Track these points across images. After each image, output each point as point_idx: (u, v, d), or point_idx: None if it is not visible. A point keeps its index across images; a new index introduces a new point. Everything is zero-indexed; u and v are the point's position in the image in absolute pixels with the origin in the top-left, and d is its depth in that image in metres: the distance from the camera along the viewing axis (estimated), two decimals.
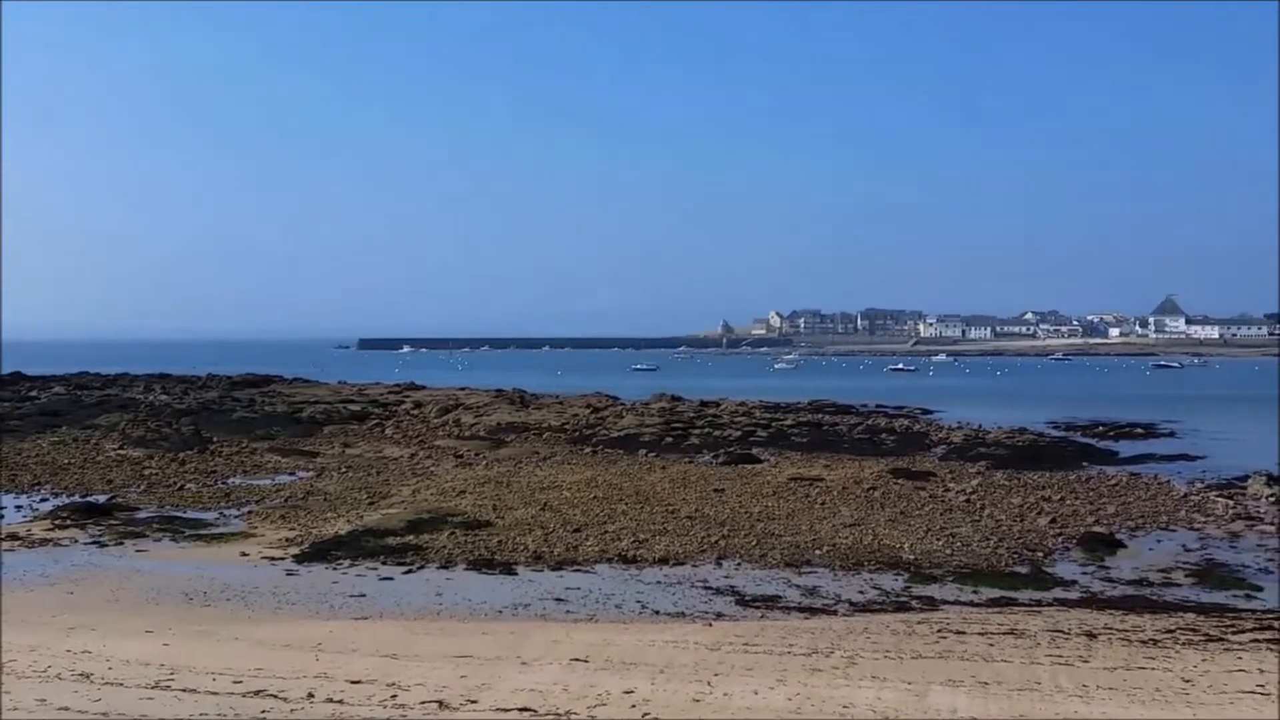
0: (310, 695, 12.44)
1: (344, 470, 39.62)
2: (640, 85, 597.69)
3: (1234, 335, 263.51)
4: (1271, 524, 30.46)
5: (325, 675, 13.48)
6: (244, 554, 25.34)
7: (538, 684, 13.07)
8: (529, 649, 15.54)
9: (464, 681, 13.19)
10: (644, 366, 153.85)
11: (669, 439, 48.84)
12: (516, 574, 23.56)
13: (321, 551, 25.40)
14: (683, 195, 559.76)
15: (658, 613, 20.33)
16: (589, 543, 26.44)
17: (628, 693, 12.60)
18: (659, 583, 22.85)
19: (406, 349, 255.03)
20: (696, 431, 50.81)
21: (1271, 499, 34.75)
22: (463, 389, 76.82)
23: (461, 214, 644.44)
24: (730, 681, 13.28)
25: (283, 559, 24.81)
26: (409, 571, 23.77)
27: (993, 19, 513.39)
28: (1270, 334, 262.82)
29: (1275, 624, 18.42)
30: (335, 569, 23.93)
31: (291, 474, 39.13)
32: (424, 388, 78.66)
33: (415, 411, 61.28)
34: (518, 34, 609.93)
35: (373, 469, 40.03)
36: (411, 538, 26.78)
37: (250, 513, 30.80)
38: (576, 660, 14.61)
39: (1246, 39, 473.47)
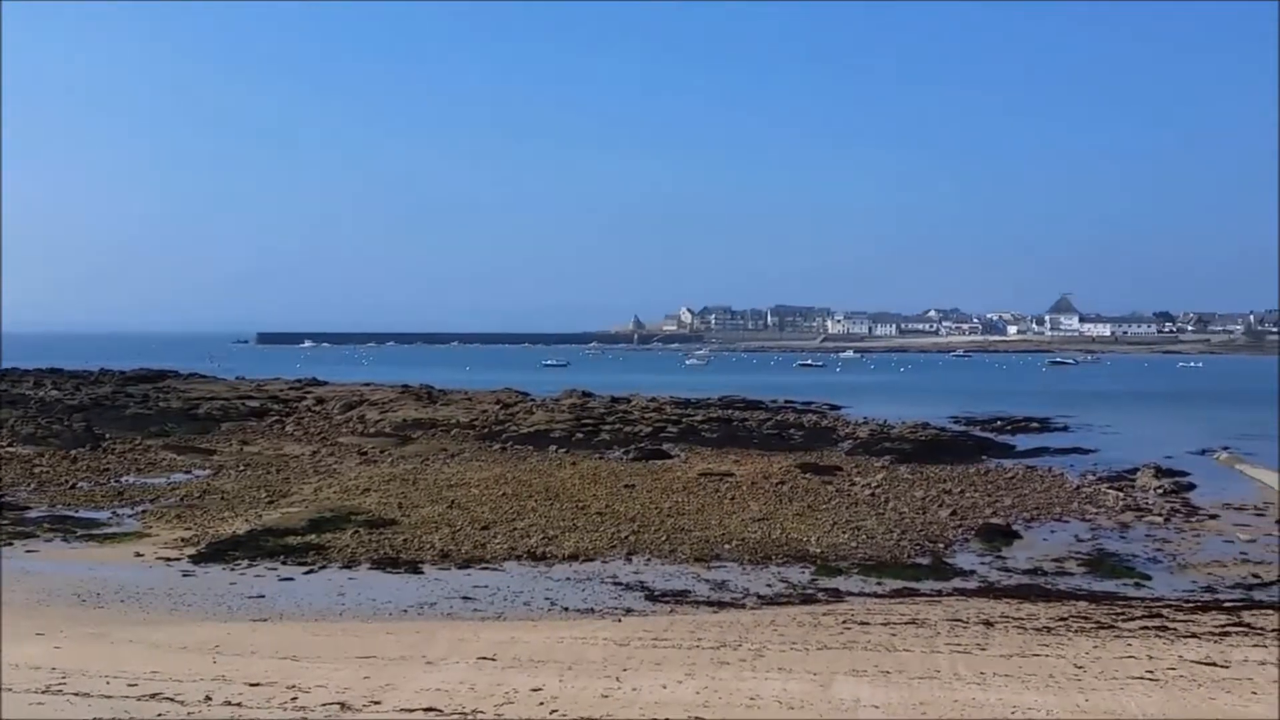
0: (208, 698, 12.12)
1: (242, 468, 38.71)
2: (548, 82, 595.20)
3: (1124, 333, 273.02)
4: (1159, 515, 31.66)
5: (223, 678, 13.15)
6: (138, 554, 24.62)
7: (443, 684, 12.92)
8: (435, 648, 15.37)
9: (367, 683, 12.98)
10: (554, 362, 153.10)
11: (580, 435, 48.79)
12: (423, 573, 23.31)
13: (219, 552, 24.80)
14: (594, 192, 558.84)
15: (567, 609, 20.32)
16: (497, 540, 26.28)
17: (535, 690, 12.53)
18: (568, 579, 22.83)
19: (308, 344, 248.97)
20: (607, 427, 50.85)
21: (1159, 490, 36.15)
22: (367, 385, 75.43)
23: (364, 208, 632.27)
24: (639, 676, 13.31)
25: (178, 559, 24.15)
26: (310, 572, 23.35)
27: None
28: (1159, 332, 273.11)
29: (1163, 612, 19.15)
30: (233, 570, 23.39)
31: (187, 472, 38.07)
32: (326, 383, 77.06)
33: (317, 408, 60.10)
34: (432, 29, 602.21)
35: (272, 467, 39.19)
36: (313, 537, 26.31)
37: (145, 512, 29.91)
38: (484, 659, 14.49)
39: (1115, 42, 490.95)
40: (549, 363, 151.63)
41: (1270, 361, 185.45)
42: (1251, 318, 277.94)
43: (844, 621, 17.85)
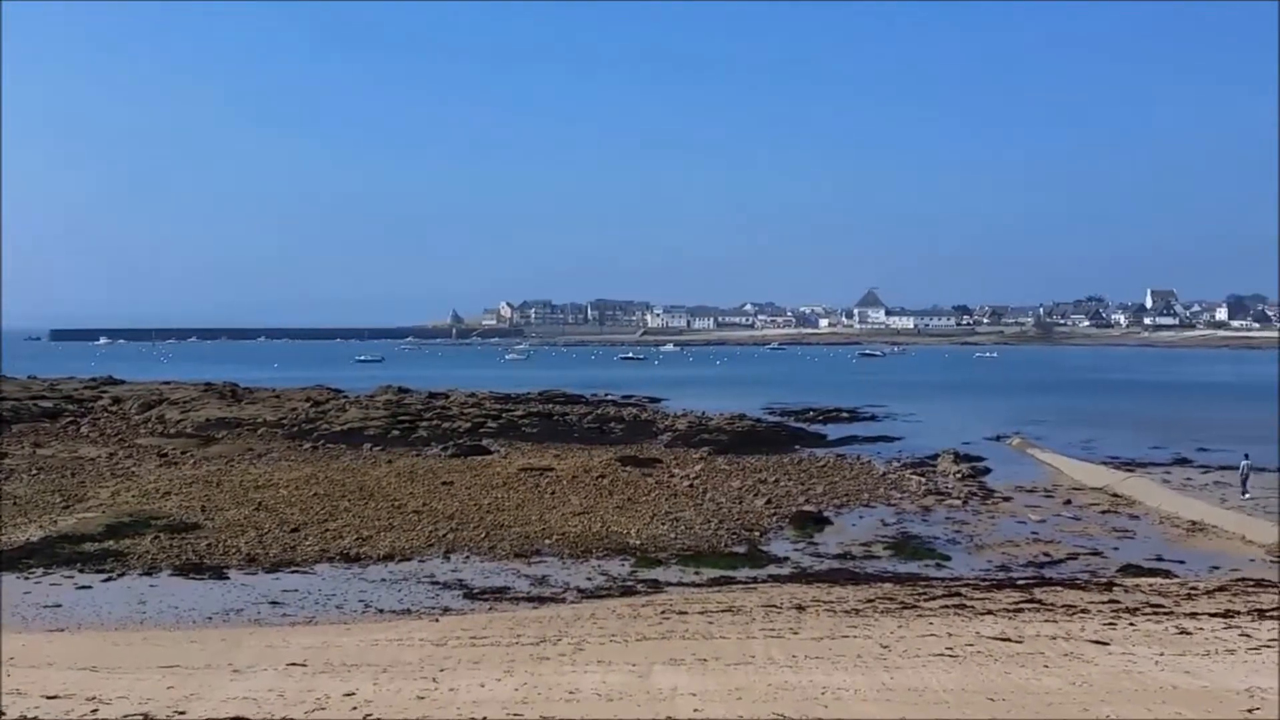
0: (1, 714, 11.19)
1: (35, 472, 36.13)
2: (363, 76, 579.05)
3: (927, 326, 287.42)
4: (958, 498, 33.37)
5: (19, 691, 12.19)
6: None
7: (251, 691, 12.33)
8: (242, 656, 14.69)
9: (171, 692, 12.28)
10: (368, 358, 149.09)
11: (395, 432, 47.76)
12: (228, 578, 22.34)
13: (11, 560, 23.24)
14: (411, 186, 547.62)
15: (382, 611, 19.80)
16: (308, 542, 25.41)
17: (348, 695, 12.09)
18: (384, 580, 22.27)
19: (104, 340, 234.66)
20: (424, 424, 49.96)
21: (958, 475, 38.12)
22: (167, 383, 72.05)
23: (166, 199, 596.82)
24: (456, 676, 13.04)
25: None
26: (109, 579, 22.12)
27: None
28: (958, 324, 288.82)
29: (962, 591, 20.14)
30: (27, 578, 21.93)
31: None
32: (124, 382, 73.10)
33: (114, 408, 56.88)
34: (224, 20, 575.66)
35: (67, 470, 36.73)
36: (111, 543, 24.92)
37: None
38: (294, 665, 13.92)
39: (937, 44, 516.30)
40: (362, 358, 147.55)
41: (1058, 351, 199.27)
42: (1041, 310, 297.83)
43: (663, 612, 18.01)
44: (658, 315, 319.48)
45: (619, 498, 32.01)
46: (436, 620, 18.41)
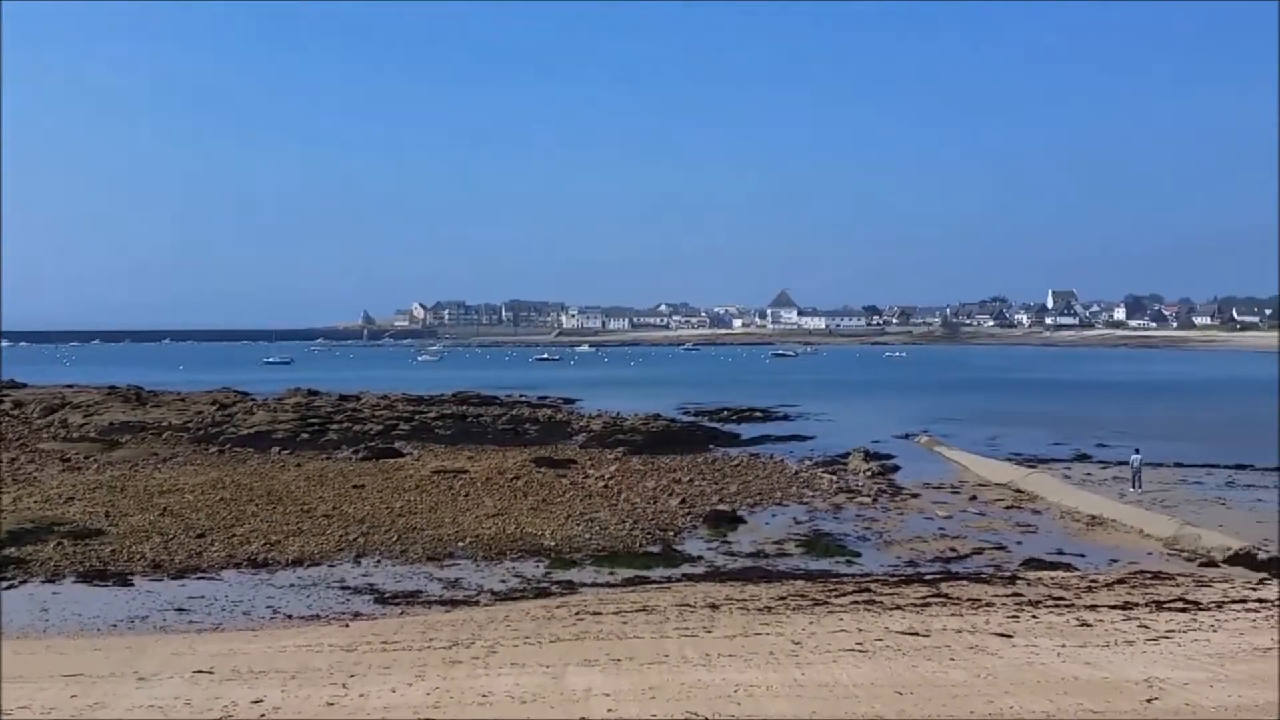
0: None
1: None
2: (270, 72, 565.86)
3: (838, 326, 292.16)
4: (868, 496, 33.94)
5: None
6: None
7: (157, 700, 12.02)
8: (147, 663, 14.31)
9: (74, 702, 11.93)
10: (277, 359, 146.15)
11: (305, 435, 46.91)
12: (133, 585, 21.77)
13: None
14: (321, 184, 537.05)
15: (290, 617, 19.43)
16: (215, 548, 24.83)
17: (256, 702, 11.85)
18: (292, 585, 21.86)
19: (4, 343, 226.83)
20: (335, 426, 49.16)
21: (868, 473, 38.78)
22: (70, 386, 70.33)
23: (57, 198, 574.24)
24: (367, 682, 12.85)
25: None
26: (10, 587, 21.47)
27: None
28: (868, 324, 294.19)
29: (871, 587, 20.49)
30: None
31: None
32: (25, 385, 70.94)
33: (15, 412, 54.98)
34: (132, 11, 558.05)
35: None
36: (12, 550, 24.15)
37: None
38: (200, 672, 13.61)
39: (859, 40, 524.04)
40: (271, 360, 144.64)
41: (964, 350, 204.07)
42: (947, 311, 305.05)
43: (577, 613, 17.99)
44: (573, 316, 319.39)
45: (533, 499, 31.88)
46: (346, 625, 18.13)
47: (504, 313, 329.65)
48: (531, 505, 30.81)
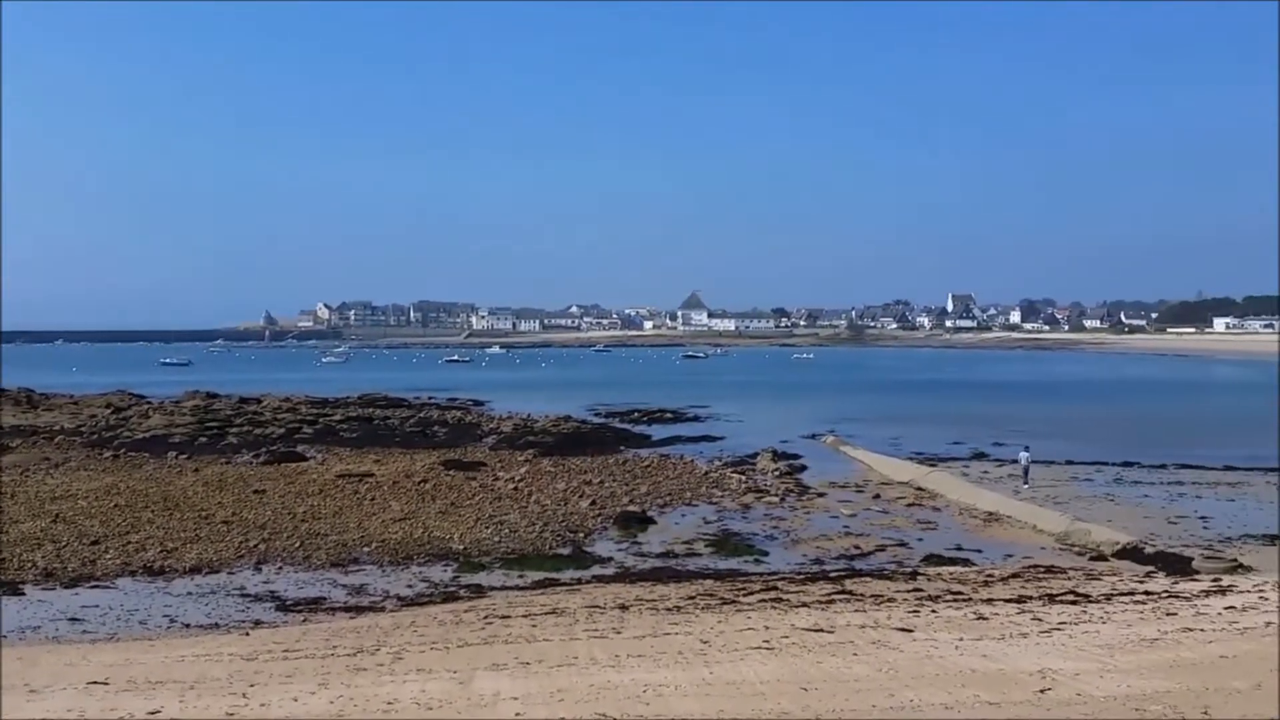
0: None
1: None
2: (173, 67, 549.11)
3: (747, 327, 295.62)
4: (776, 495, 34.37)
5: None
6: None
7: (49, 712, 11.62)
8: (38, 675, 13.81)
9: None
10: (174, 361, 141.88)
11: (203, 439, 45.73)
12: (24, 594, 21.01)
13: None
14: (222, 179, 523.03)
15: (188, 626, 18.94)
16: (109, 555, 24.07)
17: (153, 714, 11.52)
18: (190, 594, 21.30)
19: None
20: (235, 430, 48.02)
21: (776, 473, 39.27)
22: None
23: None
24: (268, 691, 12.58)
25: None
26: None
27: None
28: (776, 326, 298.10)
29: (779, 585, 20.76)
30: None
31: None
32: None
33: None
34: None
35: None
36: None
37: None
38: (95, 683, 13.18)
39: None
40: (168, 361, 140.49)
41: (868, 352, 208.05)
42: (853, 313, 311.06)
43: (485, 617, 17.87)
44: (483, 317, 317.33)
45: (442, 502, 31.58)
46: (247, 634, 17.72)
47: (412, 313, 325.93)
48: (440, 508, 30.51)
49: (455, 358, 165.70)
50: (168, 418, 51.04)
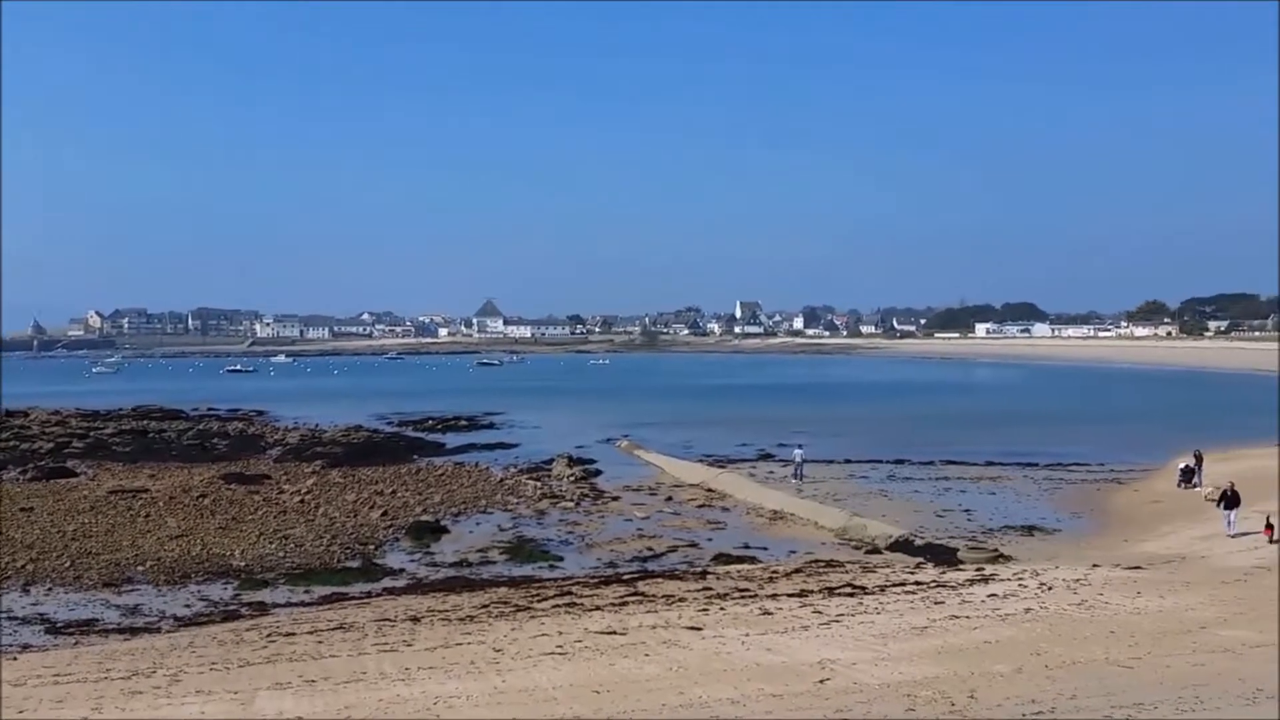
0: None
1: None
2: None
3: (543, 334, 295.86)
4: (571, 500, 34.64)
5: None
6: None
7: None
8: None
9: None
10: None
11: None
12: None
13: None
14: None
15: None
16: None
17: None
18: None
19: None
20: None
21: (572, 478, 39.56)
22: None
23: None
24: (36, 718, 11.82)
25: None
26: None
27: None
28: (572, 333, 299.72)
29: (573, 589, 20.96)
30: None
31: None
32: None
33: None
34: None
35: None
36: None
37: None
38: None
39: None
40: None
41: (662, 357, 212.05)
42: (646, 320, 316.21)
43: (269, 635, 17.27)
44: (268, 325, 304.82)
45: (222, 517, 30.24)
46: (14, 659, 16.49)
47: (190, 321, 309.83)
48: (220, 524, 29.22)
49: (238, 367, 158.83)
50: None
